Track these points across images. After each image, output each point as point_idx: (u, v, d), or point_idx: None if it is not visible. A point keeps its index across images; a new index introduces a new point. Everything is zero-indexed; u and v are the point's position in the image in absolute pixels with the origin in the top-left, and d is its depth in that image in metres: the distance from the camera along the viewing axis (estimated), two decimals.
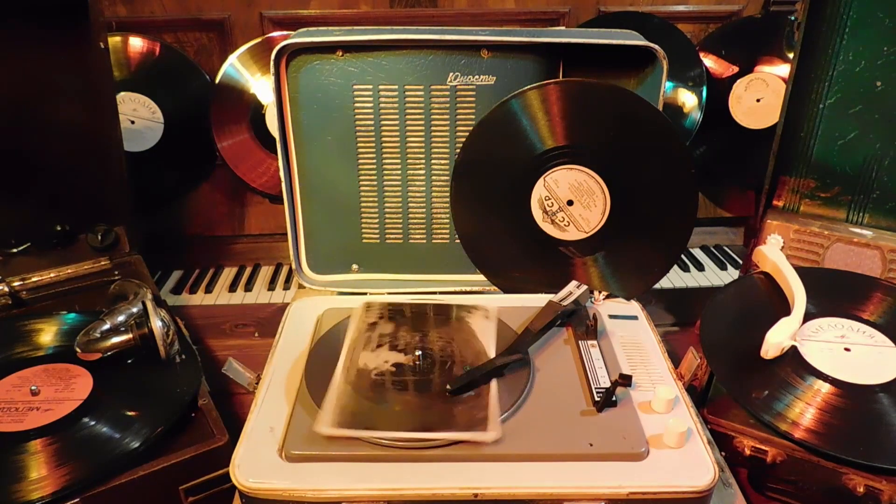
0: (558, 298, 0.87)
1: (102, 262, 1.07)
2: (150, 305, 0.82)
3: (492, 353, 0.78)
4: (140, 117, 1.26)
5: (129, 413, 0.75)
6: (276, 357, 0.81)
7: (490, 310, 0.87)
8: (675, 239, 0.93)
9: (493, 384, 0.73)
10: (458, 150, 0.95)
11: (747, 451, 0.74)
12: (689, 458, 0.66)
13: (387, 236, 1.03)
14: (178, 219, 1.32)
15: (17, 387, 0.79)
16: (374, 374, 0.75)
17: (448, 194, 0.99)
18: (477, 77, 0.95)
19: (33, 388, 0.78)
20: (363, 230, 1.03)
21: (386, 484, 0.63)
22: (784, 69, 1.26)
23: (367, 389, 0.72)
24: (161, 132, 1.27)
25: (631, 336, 0.86)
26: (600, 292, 0.94)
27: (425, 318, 0.86)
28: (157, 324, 0.81)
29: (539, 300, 0.87)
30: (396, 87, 0.95)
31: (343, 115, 0.96)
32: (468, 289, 1.02)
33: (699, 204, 0.91)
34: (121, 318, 0.85)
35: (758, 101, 1.29)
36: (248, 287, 1.26)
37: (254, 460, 0.65)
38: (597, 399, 0.72)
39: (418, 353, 0.78)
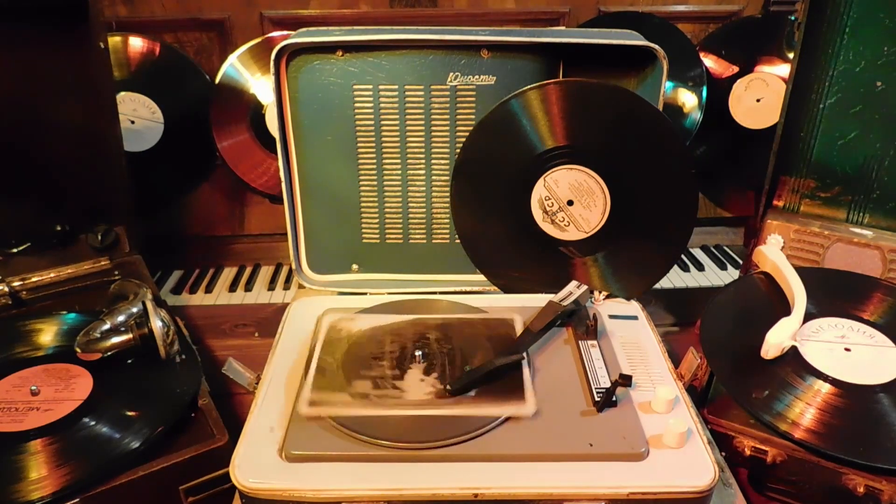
0: (558, 298, 0.87)
1: (102, 262, 1.07)
2: (150, 305, 0.82)
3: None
4: (140, 117, 1.26)
5: (129, 413, 0.75)
6: (276, 357, 0.81)
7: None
8: (675, 239, 0.93)
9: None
10: (458, 150, 0.95)
11: (747, 451, 0.74)
12: (689, 459, 0.66)
13: (387, 236, 1.03)
14: (178, 219, 1.32)
15: (17, 387, 0.79)
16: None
17: (448, 194, 0.99)
18: (477, 77, 0.95)
19: (33, 388, 0.78)
20: (363, 230, 1.03)
21: (386, 484, 0.62)
22: (784, 69, 1.26)
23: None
24: (161, 132, 1.27)
25: (631, 336, 0.86)
26: (600, 292, 0.94)
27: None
28: (157, 324, 0.81)
29: (539, 300, 0.87)
30: (396, 87, 0.95)
31: (343, 115, 0.96)
32: (468, 289, 1.02)
33: (699, 204, 0.91)
34: (121, 318, 0.85)
35: (758, 101, 1.29)
36: (248, 287, 1.26)
37: (254, 460, 0.65)
38: (597, 399, 0.72)
39: (419, 353, 0.77)
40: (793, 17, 1.28)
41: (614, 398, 0.71)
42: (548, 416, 0.70)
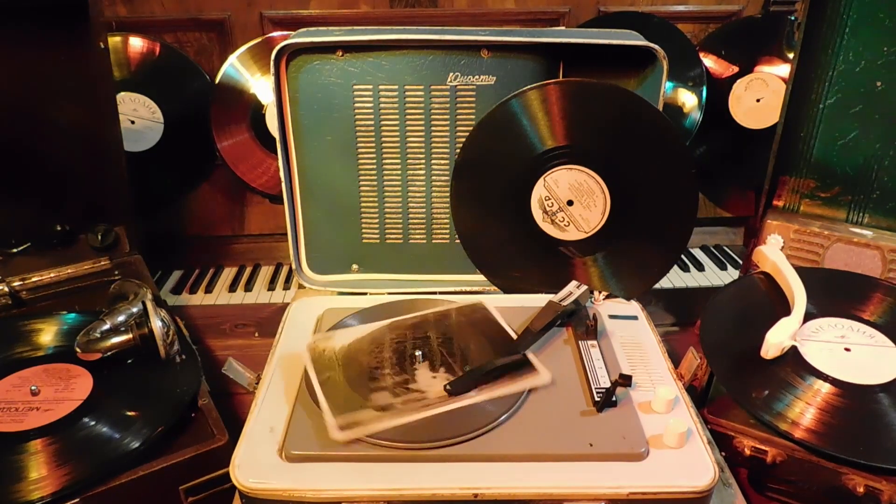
0: (558, 298, 0.87)
1: (102, 262, 1.07)
2: (150, 305, 0.82)
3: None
4: (140, 117, 1.26)
5: (129, 413, 0.75)
6: (276, 357, 0.81)
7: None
8: (675, 239, 0.93)
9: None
10: (458, 150, 0.95)
11: (747, 451, 0.74)
12: (689, 459, 0.66)
13: (387, 236, 1.03)
14: (178, 219, 1.32)
15: (17, 387, 0.79)
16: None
17: (448, 194, 0.99)
18: (477, 77, 0.95)
19: (33, 388, 0.78)
20: (363, 230, 1.03)
21: (386, 484, 0.62)
22: (784, 69, 1.26)
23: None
24: (161, 132, 1.27)
25: (631, 336, 0.86)
26: (600, 292, 0.94)
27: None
28: (157, 324, 0.81)
29: (539, 300, 0.87)
30: (396, 87, 0.95)
31: (343, 115, 0.96)
32: (468, 289, 1.02)
33: (699, 204, 0.91)
34: (121, 318, 0.85)
35: (758, 101, 1.29)
36: (248, 287, 1.26)
37: (254, 460, 0.65)
38: (597, 399, 0.72)
39: (419, 353, 0.77)
40: (793, 17, 1.28)
41: (614, 398, 0.71)
42: (548, 416, 0.70)
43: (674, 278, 1.27)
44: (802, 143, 0.98)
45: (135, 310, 0.86)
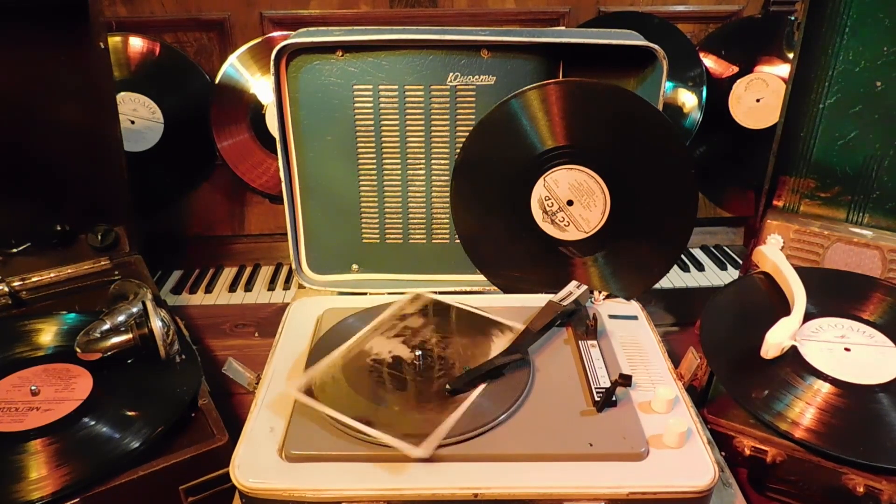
0: (558, 298, 0.87)
1: (102, 262, 1.07)
2: (150, 305, 0.82)
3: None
4: (140, 117, 1.26)
5: (129, 413, 0.75)
6: (276, 357, 0.81)
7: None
8: (675, 239, 0.93)
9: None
10: (458, 150, 0.95)
11: (747, 451, 0.74)
12: (689, 458, 0.66)
13: (387, 236, 1.03)
14: (178, 219, 1.32)
15: (17, 387, 0.79)
16: (371, 360, 0.76)
17: (448, 194, 0.99)
18: (477, 77, 0.95)
19: (33, 388, 0.78)
20: (363, 230, 1.03)
21: (386, 484, 0.62)
22: (784, 69, 1.26)
23: (356, 373, 0.75)
24: (161, 132, 1.27)
25: (631, 336, 0.85)
26: (600, 292, 0.94)
27: (456, 324, 0.86)
28: (157, 324, 0.81)
29: (539, 300, 0.87)
30: (396, 87, 0.95)
31: (343, 115, 0.96)
32: (468, 289, 1.02)
33: (699, 204, 0.91)
34: (121, 318, 0.85)
35: (758, 101, 1.29)
36: (248, 287, 1.26)
37: (254, 460, 0.65)
38: (597, 399, 0.72)
39: (419, 353, 0.77)
40: (793, 17, 1.28)
41: (614, 398, 0.71)
42: (548, 416, 0.70)
43: (674, 278, 1.27)
44: (802, 143, 0.98)
45: (135, 310, 0.86)
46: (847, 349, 0.80)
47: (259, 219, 1.33)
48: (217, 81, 1.26)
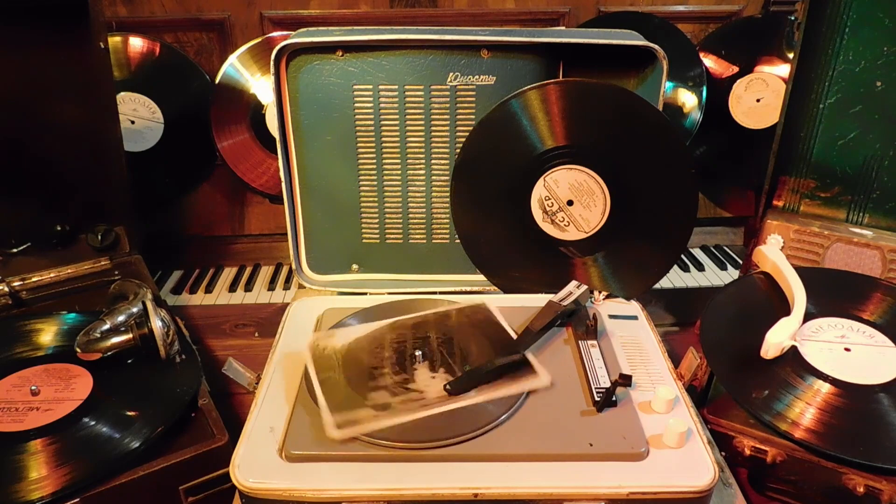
0: (558, 298, 0.87)
1: (102, 262, 1.07)
2: (150, 305, 0.82)
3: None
4: (140, 117, 1.26)
5: (129, 413, 0.75)
6: (276, 357, 0.81)
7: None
8: (675, 239, 0.93)
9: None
10: (458, 150, 0.95)
11: (747, 451, 0.74)
12: (689, 458, 0.66)
13: (387, 236, 1.03)
14: (178, 219, 1.32)
15: (17, 387, 0.79)
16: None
17: (448, 194, 0.99)
18: (477, 77, 0.95)
19: (33, 388, 0.78)
20: (363, 230, 1.03)
21: (386, 484, 0.63)
22: (784, 69, 1.26)
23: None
24: (161, 132, 1.27)
25: (631, 336, 0.86)
26: (600, 292, 0.94)
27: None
28: (157, 324, 0.81)
29: (539, 300, 0.87)
30: (396, 87, 0.95)
31: (343, 115, 0.96)
32: (468, 289, 1.02)
33: (699, 204, 0.91)
34: (121, 318, 0.85)
35: (758, 101, 1.29)
36: (248, 287, 1.26)
37: (254, 460, 0.65)
38: (597, 399, 0.72)
39: (419, 353, 0.77)
40: (793, 17, 1.28)
41: (614, 398, 0.71)
42: (548, 416, 0.70)
43: (674, 278, 1.27)
44: (802, 143, 0.98)
45: (135, 310, 0.86)
46: (847, 349, 0.80)
47: (259, 219, 1.33)
48: (217, 81, 1.26)
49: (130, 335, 0.81)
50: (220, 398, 0.85)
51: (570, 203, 0.93)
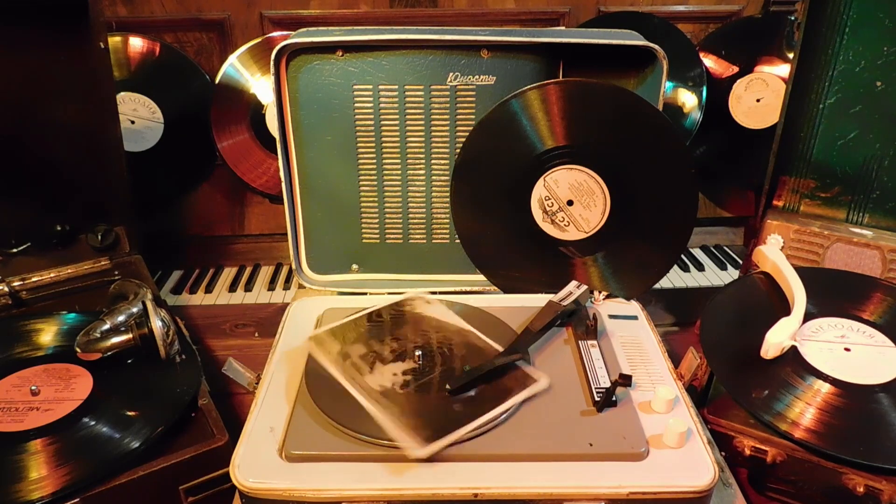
0: (558, 298, 0.87)
1: (102, 262, 1.07)
2: (150, 305, 0.82)
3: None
4: (140, 117, 1.26)
5: (129, 413, 0.75)
6: (276, 357, 0.81)
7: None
8: (675, 239, 0.93)
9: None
10: (458, 150, 0.95)
11: (747, 451, 0.74)
12: (689, 458, 0.66)
13: (387, 236, 1.03)
14: (178, 219, 1.32)
15: (17, 387, 0.79)
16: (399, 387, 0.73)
17: (448, 194, 0.99)
18: (477, 77, 0.95)
19: (33, 388, 0.78)
20: (363, 230, 1.03)
21: (386, 484, 0.63)
22: (784, 69, 1.26)
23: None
24: (161, 132, 1.27)
25: (631, 336, 0.86)
26: (600, 292, 0.94)
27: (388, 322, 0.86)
28: (157, 324, 0.81)
29: (539, 300, 0.87)
30: (396, 87, 0.95)
31: (343, 115, 0.96)
32: (468, 289, 1.02)
33: (699, 204, 0.91)
34: (121, 318, 0.85)
35: (758, 101, 1.29)
36: (248, 287, 1.26)
37: (254, 460, 0.65)
38: (597, 399, 0.72)
39: (418, 353, 0.77)
40: (793, 17, 1.28)
41: (614, 398, 0.71)
42: (548, 416, 0.70)
43: (674, 278, 1.27)
44: (802, 143, 0.98)
45: (135, 310, 0.86)
46: (847, 349, 0.80)
47: (259, 219, 1.33)
48: (217, 81, 1.26)
49: (130, 335, 0.81)
50: (220, 398, 0.85)
51: (570, 203, 0.93)
